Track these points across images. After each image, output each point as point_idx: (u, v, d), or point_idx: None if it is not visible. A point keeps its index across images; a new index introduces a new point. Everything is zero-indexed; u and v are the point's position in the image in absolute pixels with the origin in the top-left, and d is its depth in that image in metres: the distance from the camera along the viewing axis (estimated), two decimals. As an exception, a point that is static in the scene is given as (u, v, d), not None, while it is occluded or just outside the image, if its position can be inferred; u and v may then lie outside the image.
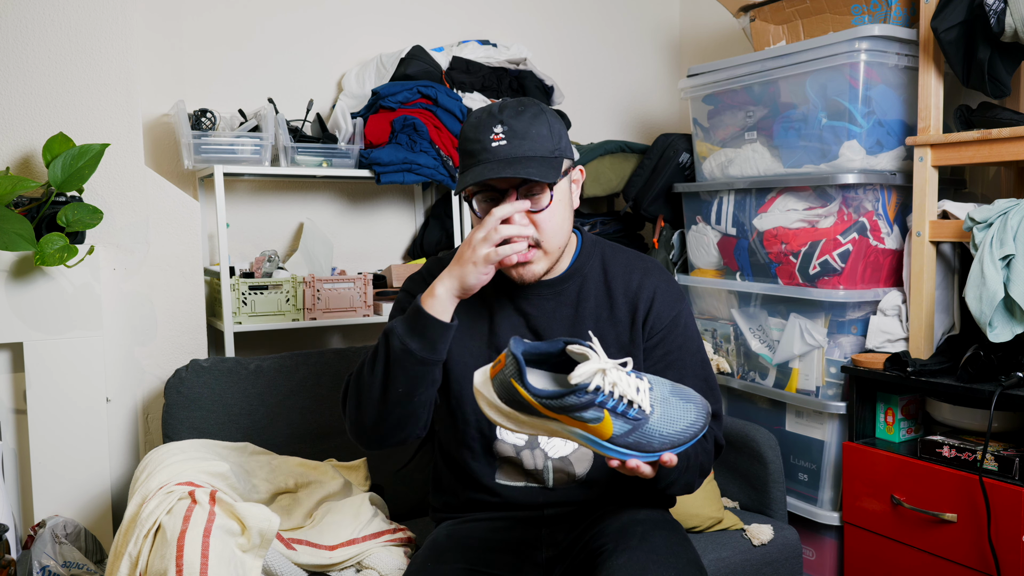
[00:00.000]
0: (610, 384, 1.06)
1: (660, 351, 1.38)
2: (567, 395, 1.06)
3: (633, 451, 1.08)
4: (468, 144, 1.29)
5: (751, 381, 2.30)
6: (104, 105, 1.91)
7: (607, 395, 1.06)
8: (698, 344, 1.42)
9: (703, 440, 1.32)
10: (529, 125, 1.27)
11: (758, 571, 1.79)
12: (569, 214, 1.36)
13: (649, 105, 3.12)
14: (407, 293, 1.45)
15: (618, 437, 1.08)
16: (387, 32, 2.56)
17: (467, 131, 1.31)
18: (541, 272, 1.34)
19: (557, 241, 1.33)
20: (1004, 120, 1.84)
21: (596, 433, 1.08)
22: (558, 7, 2.91)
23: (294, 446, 1.89)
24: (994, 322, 1.68)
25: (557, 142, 1.30)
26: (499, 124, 1.27)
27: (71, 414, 1.83)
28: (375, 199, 2.58)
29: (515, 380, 1.07)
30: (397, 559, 1.56)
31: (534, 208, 1.29)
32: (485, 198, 1.31)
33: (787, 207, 2.15)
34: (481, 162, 1.27)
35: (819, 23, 2.20)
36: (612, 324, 1.39)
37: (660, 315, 1.39)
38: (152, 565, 1.27)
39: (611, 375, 1.06)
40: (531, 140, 1.27)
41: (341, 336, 2.53)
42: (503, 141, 1.26)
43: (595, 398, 1.06)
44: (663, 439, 1.08)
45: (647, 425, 1.08)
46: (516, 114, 1.28)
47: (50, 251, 1.69)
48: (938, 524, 1.77)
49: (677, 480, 1.27)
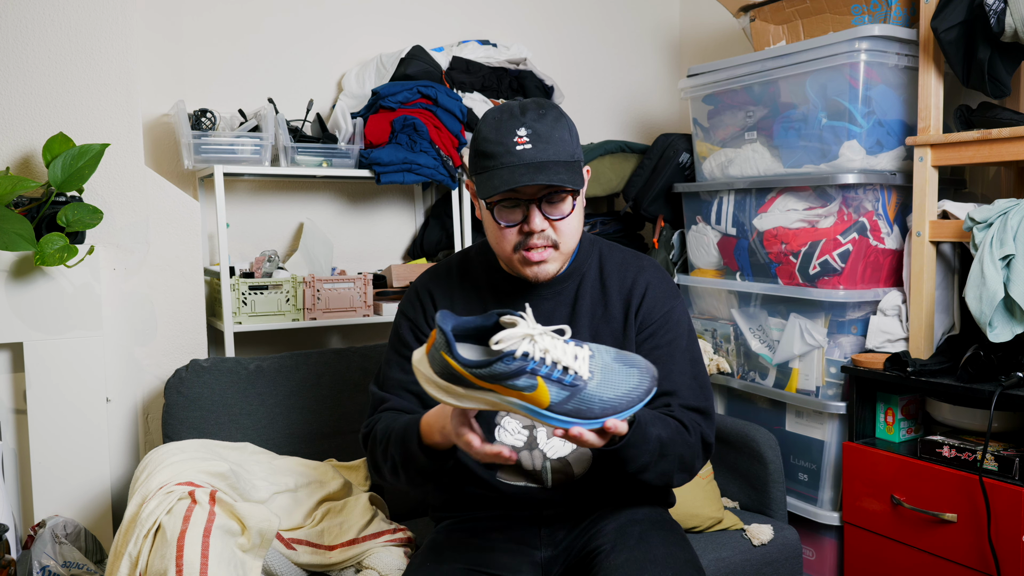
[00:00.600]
0: (541, 351, 1.04)
1: (649, 345, 1.38)
2: (494, 363, 1.04)
3: (574, 418, 1.06)
4: (488, 145, 1.27)
5: (751, 381, 2.30)
6: (104, 105, 1.91)
7: (539, 362, 1.04)
8: (689, 342, 1.41)
9: (685, 433, 1.29)
10: (552, 129, 1.27)
11: (758, 571, 1.79)
12: (583, 217, 1.38)
13: (649, 105, 3.12)
14: (404, 316, 1.47)
15: (556, 405, 1.06)
16: (387, 32, 2.56)
17: (486, 131, 1.28)
18: (555, 272, 1.35)
19: (573, 243, 1.35)
20: (1004, 120, 1.84)
21: (533, 402, 1.06)
22: (558, 7, 2.91)
23: (294, 446, 1.89)
24: (994, 322, 1.68)
25: (576, 145, 1.31)
26: (522, 127, 1.25)
27: (71, 414, 1.83)
28: (375, 199, 2.58)
29: (445, 353, 1.06)
30: (397, 559, 1.56)
31: (556, 216, 1.29)
32: (507, 204, 1.29)
33: (787, 207, 2.15)
34: (506, 166, 1.25)
35: (819, 23, 2.20)
36: (607, 321, 1.40)
37: (651, 309, 1.39)
38: (152, 565, 1.27)
39: (542, 342, 1.04)
40: (555, 144, 1.26)
41: (341, 336, 2.53)
42: (528, 144, 1.24)
43: (525, 365, 1.04)
44: (604, 404, 1.06)
45: (586, 391, 1.06)
46: (539, 117, 1.27)
47: (50, 251, 1.69)
48: (938, 524, 1.77)
49: (650, 465, 1.23)
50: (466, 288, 1.45)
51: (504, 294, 1.41)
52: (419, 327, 1.44)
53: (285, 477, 1.71)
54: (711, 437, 1.37)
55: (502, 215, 1.30)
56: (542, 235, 1.30)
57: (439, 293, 1.45)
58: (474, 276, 1.46)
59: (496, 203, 1.30)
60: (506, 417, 1.40)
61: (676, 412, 1.33)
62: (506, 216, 1.30)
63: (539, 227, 1.28)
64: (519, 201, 1.28)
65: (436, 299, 1.44)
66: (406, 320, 1.46)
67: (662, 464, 1.25)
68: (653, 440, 1.21)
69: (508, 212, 1.30)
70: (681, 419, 1.32)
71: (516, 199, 1.28)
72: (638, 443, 1.18)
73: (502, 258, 1.37)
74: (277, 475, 1.71)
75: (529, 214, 1.28)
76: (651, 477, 1.26)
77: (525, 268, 1.33)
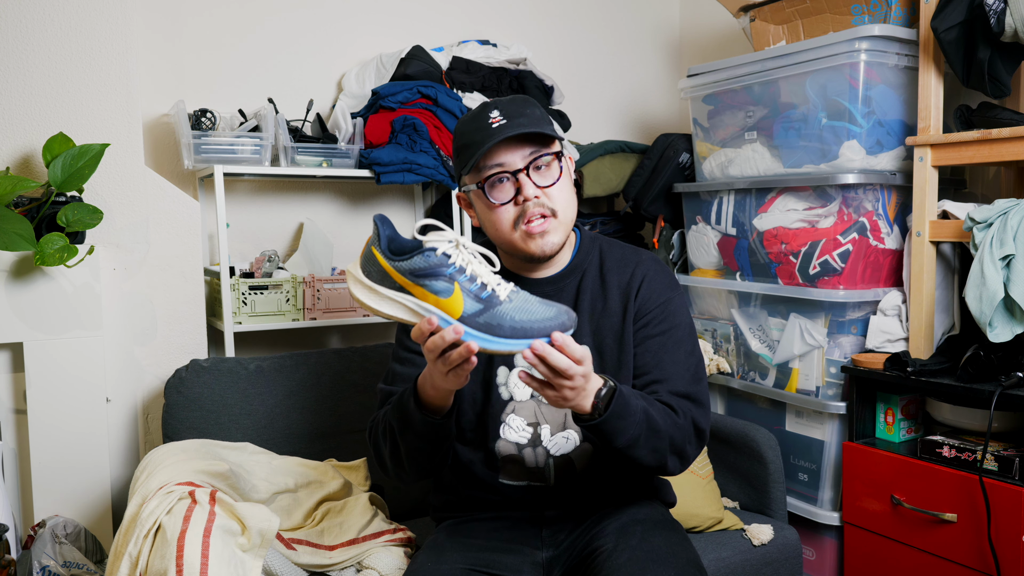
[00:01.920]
0: (463, 260, 1.09)
1: (644, 333, 1.38)
2: (415, 255, 1.08)
3: (484, 333, 1.08)
4: (465, 137, 1.33)
5: (751, 381, 2.30)
6: (104, 105, 1.91)
7: (458, 269, 1.08)
8: (686, 333, 1.41)
9: (674, 415, 1.29)
10: (523, 107, 1.34)
11: (758, 571, 1.79)
12: (573, 189, 1.40)
13: (649, 105, 3.12)
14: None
15: (468, 316, 1.08)
16: (387, 32, 2.56)
17: (462, 127, 1.36)
18: (558, 243, 1.36)
19: (570, 213, 1.37)
20: (1004, 120, 1.84)
21: (446, 310, 1.09)
22: (558, 7, 2.91)
23: (294, 446, 1.89)
24: (994, 322, 1.68)
25: (551, 122, 1.37)
26: (494, 110, 1.32)
27: (71, 414, 1.83)
28: (375, 199, 2.58)
29: (374, 247, 1.11)
30: (397, 559, 1.56)
31: (546, 183, 1.33)
32: (496, 180, 1.32)
33: (787, 207, 2.15)
34: (485, 140, 1.29)
35: (819, 23, 2.20)
36: (607, 316, 1.40)
37: (648, 299, 1.40)
38: (152, 565, 1.27)
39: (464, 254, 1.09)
40: (528, 117, 1.32)
41: (341, 336, 2.53)
42: (502, 120, 1.30)
43: (444, 267, 1.08)
44: (515, 325, 1.08)
45: (499, 309, 1.08)
46: (509, 102, 1.34)
47: (50, 251, 1.69)
48: (938, 524, 1.77)
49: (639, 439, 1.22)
50: None
51: None
52: None
53: (285, 477, 1.71)
54: (704, 424, 1.35)
55: (493, 192, 1.33)
56: (537, 202, 1.32)
57: None
58: None
59: (486, 181, 1.32)
60: (511, 414, 1.40)
61: (663, 396, 1.33)
62: (497, 193, 1.33)
63: (532, 193, 1.31)
64: (507, 175, 1.32)
65: None
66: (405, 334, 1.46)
67: (653, 440, 1.24)
68: (638, 411, 1.21)
69: (499, 189, 1.33)
70: (669, 403, 1.32)
71: (503, 173, 1.31)
72: (622, 412, 1.18)
73: (504, 242, 1.37)
74: (277, 475, 1.71)
75: (521, 186, 1.31)
76: (643, 455, 1.24)
77: (529, 243, 1.34)
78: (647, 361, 1.38)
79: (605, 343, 1.39)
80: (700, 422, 1.34)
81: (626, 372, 1.38)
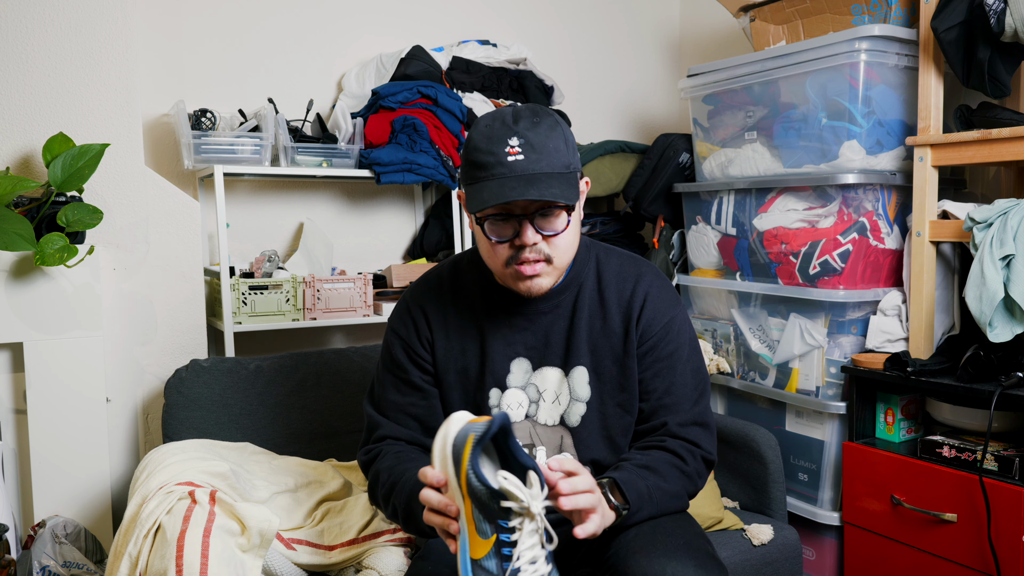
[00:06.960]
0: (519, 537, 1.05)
1: (651, 357, 1.36)
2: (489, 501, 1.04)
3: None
4: (479, 155, 1.21)
5: (751, 381, 2.30)
6: (104, 105, 1.91)
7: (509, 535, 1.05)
8: (691, 351, 1.39)
9: (682, 463, 1.31)
10: (546, 138, 1.21)
11: (758, 571, 1.79)
12: (579, 229, 1.33)
13: (649, 105, 3.12)
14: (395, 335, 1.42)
15: (479, 563, 1.06)
16: (387, 32, 2.56)
17: (477, 140, 1.22)
18: (548, 286, 1.31)
19: (568, 257, 1.31)
20: (1004, 120, 1.84)
21: (471, 543, 1.07)
22: (558, 7, 2.91)
23: (294, 446, 1.89)
24: (994, 322, 1.68)
25: (572, 155, 1.26)
26: (514, 136, 1.20)
27: (71, 414, 1.83)
28: (375, 199, 2.58)
29: (469, 443, 1.05)
30: (397, 559, 1.56)
31: (550, 231, 1.25)
32: (499, 219, 1.24)
33: (787, 207, 2.15)
34: (496, 177, 1.19)
35: (819, 23, 2.20)
36: (606, 336, 1.37)
37: (652, 321, 1.36)
38: (152, 565, 1.28)
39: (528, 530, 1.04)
40: (548, 155, 1.21)
41: (341, 336, 2.53)
42: (520, 155, 1.19)
43: (504, 523, 1.04)
44: None
45: None
46: (532, 125, 1.21)
47: (50, 251, 1.69)
48: (938, 524, 1.77)
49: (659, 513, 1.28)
50: (460, 303, 1.40)
51: (500, 309, 1.38)
52: (412, 347, 1.39)
53: (285, 477, 1.71)
54: (712, 453, 1.36)
55: (493, 230, 1.25)
56: (534, 249, 1.25)
57: (432, 309, 1.40)
58: (467, 290, 1.41)
59: (487, 217, 1.25)
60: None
61: (669, 444, 1.33)
62: (497, 231, 1.25)
63: (531, 241, 1.23)
64: (511, 215, 1.23)
65: (429, 316, 1.40)
66: (398, 339, 1.41)
67: (672, 503, 1.30)
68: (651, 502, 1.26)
69: (499, 227, 1.25)
70: (676, 450, 1.32)
71: (508, 213, 1.23)
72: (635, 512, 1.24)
73: (493, 271, 1.34)
74: (277, 475, 1.71)
75: (521, 229, 1.23)
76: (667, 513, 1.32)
77: (518, 283, 1.29)
78: (656, 387, 1.36)
79: (603, 364, 1.36)
80: (709, 453, 1.36)
81: (628, 395, 1.37)
